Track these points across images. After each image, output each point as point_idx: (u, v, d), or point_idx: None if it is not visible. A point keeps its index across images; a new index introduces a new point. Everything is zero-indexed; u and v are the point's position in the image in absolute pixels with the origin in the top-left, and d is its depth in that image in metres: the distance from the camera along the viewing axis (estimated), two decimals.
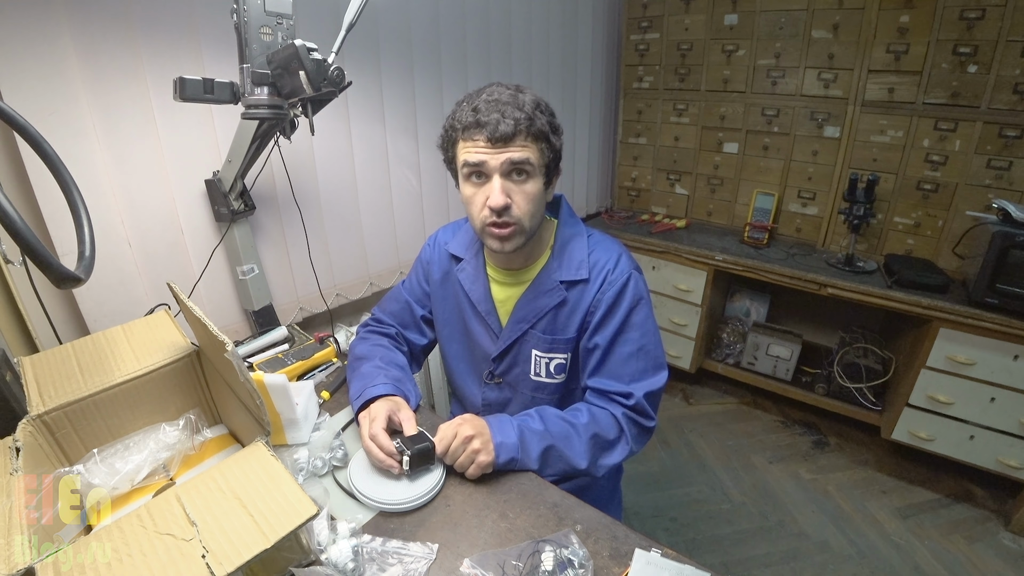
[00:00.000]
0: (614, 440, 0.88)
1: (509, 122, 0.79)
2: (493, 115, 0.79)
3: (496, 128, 0.79)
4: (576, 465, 0.85)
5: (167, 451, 0.71)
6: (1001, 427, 1.67)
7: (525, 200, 0.84)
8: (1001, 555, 1.63)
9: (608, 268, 0.92)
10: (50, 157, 0.70)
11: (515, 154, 0.81)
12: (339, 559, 0.64)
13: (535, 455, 0.82)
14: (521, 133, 0.80)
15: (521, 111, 0.80)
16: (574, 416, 0.88)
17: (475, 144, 0.81)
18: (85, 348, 0.77)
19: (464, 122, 0.82)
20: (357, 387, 0.93)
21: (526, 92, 0.83)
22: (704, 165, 2.38)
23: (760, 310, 2.44)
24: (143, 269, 1.11)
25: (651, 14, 2.30)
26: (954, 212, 1.85)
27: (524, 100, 0.81)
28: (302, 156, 1.32)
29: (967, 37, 1.68)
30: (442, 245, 1.06)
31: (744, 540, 1.71)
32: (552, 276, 0.94)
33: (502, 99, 0.81)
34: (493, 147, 0.80)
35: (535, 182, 0.84)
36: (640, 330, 0.91)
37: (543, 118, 0.83)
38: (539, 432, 0.84)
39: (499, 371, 1.02)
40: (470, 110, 0.81)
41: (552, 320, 0.94)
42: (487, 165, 0.82)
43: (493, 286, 0.99)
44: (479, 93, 0.83)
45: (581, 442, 0.85)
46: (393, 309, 1.12)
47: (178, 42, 1.06)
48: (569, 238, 0.96)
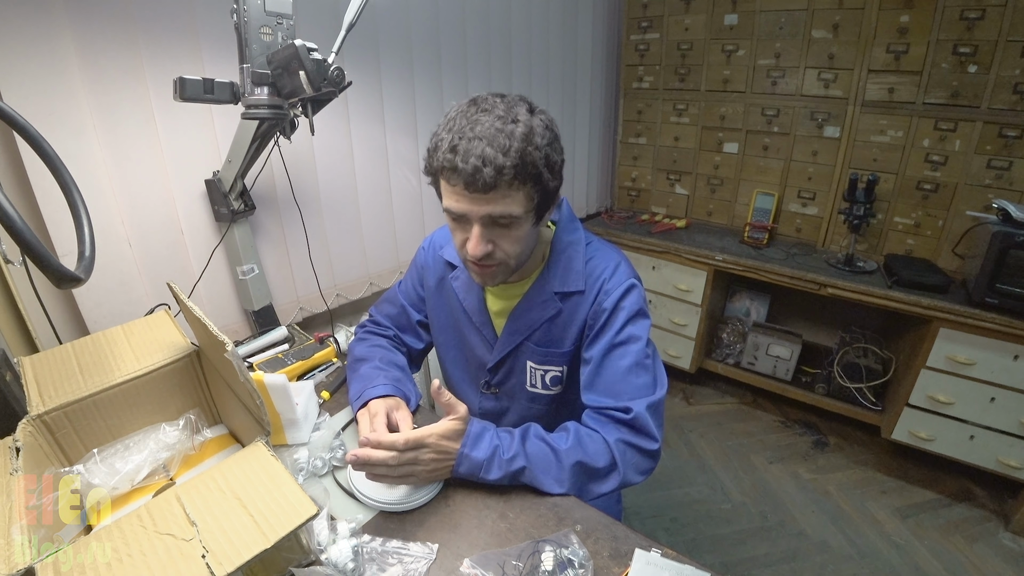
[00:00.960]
0: (603, 469, 0.80)
1: (489, 171, 0.69)
2: (472, 160, 0.69)
3: (474, 178, 0.69)
4: (549, 490, 0.78)
5: (167, 451, 0.71)
6: (1001, 427, 1.67)
7: (510, 243, 0.79)
8: (1001, 555, 1.63)
9: (604, 277, 0.88)
10: (50, 157, 0.70)
11: (496, 208, 0.73)
12: (339, 559, 0.64)
13: (497, 476, 0.78)
14: (504, 182, 0.70)
15: (507, 155, 0.69)
16: (557, 439, 0.82)
17: (455, 189, 0.73)
18: (85, 348, 0.77)
19: (441, 161, 0.72)
20: (357, 388, 0.93)
21: (519, 121, 0.71)
22: (704, 165, 2.38)
23: (760, 310, 2.44)
24: (143, 269, 1.11)
25: (651, 14, 2.30)
26: (954, 212, 1.85)
27: (514, 135, 0.70)
28: (302, 156, 1.32)
29: (967, 37, 1.68)
30: (437, 249, 1.03)
31: (744, 540, 1.71)
32: (547, 287, 0.89)
33: (486, 136, 0.69)
34: (472, 196, 0.72)
35: (522, 227, 0.78)
36: (638, 343, 0.85)
37: (535, 155, 0.71)
38: (507, 459, 0.78)
39: (495, 381, 1.00)
40: (448, 149, 0.71)
41: (547, 332, 0.91)
42: (466, 217, 0.76)
43: (488, 296, 0.96)
44: (465, 116, 0.73)
45: (559, 468, 0.79)
46: (390, 312, 1.10)
47: (178, 42, 1.06)
48: (566, 246, 0.91)
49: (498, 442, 0.80)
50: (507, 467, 0.78)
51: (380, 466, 0.73)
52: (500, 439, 0.80)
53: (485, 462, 0.78)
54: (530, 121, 0.73)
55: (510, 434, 0.82)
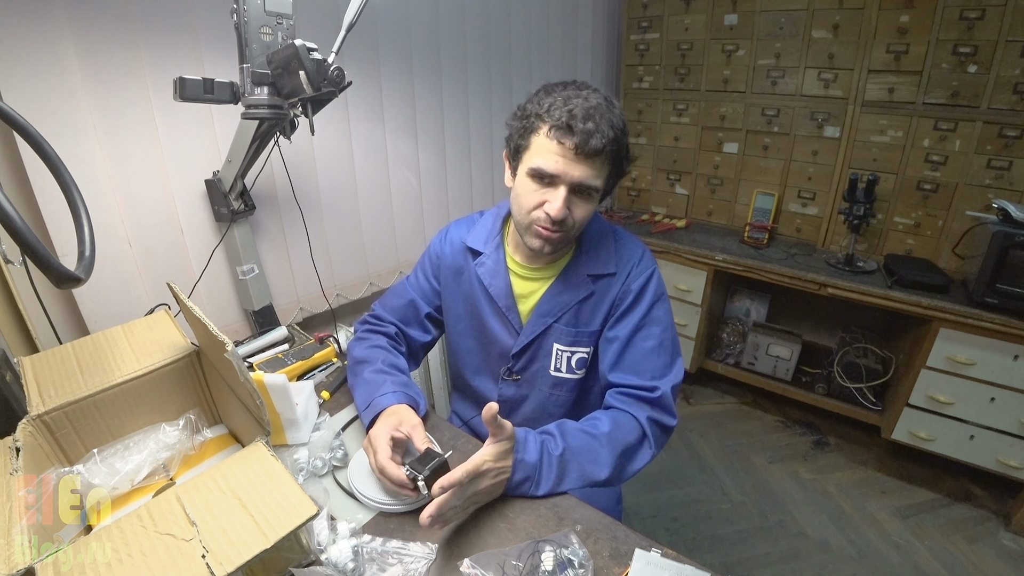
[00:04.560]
0: (637, 445, 0.85)
1: (599, 139, 0.76)
2: (588, 124, 0.76)
3: (587, 141, 0.76)
4: (596, 478, 0.81)
5: (167, 451, 0.71)
6: (1001, 427, 1.67)
7: (582, 213, 0.85)
8: (1001, 555, 1.63)
9: (634, 262, 0.94)
10: (50, 157, 0.70)
11: (589, 176, 0.80)
12: (339, 559, 0.64)
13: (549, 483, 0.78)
14: (606, 153, 0.79)
15: (613, 129, 0.78)
16: (593, 426, 0.84)
17: (560, 148, 0.78)
18: (85, 348, 0.77)
19: (556, 120, 0.78)
20: (364, 394, 0.90)
21: (616, 107, 0.81)
22: (704, 165, 2.38)
23: (760, 310, 2.44)
24: (143, 269, 1.11)
25: (651, 14, 2.30)
26: (954, 212, 1.85)
27: (619, 118, 0.80)
28: (302, 156, 1.32)
29: (967, 37, 1.68)
30: (456, 239, 1.03)
31: (744, 540, 1.71)
32: (580, 269, 0.94)
33: (599, 109, 0.78)
34: (575, 157, 0.78)
35: (595, 200, 0.85)
36: (661, 324, 0.92)
37: (625, 141, 0.82)
38: (557, 456, 0.79)
39: (517, 368, 1.00)
40: (566, 110, 0.77)
41: (576, 313, 0.94)
42: (561, 178, 0.80)
43: (514, 280, 0.98)
44: (571, 92, 0.80)
45: (603, 454, 0.81)
46: (395, 305, 1.09)
47: (178, 42, 1.06)
48: (598, 233, 0.97)
49: (543, 439, 0.81)
50: (556, 467, 0.78)
51: (451, 510, 0.69)
52: (543, 437, 0.81)
53: (536, 464, 0.77)
54: (622, 113, 0.82)
55: (550, 433, 0.83)
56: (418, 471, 0.72)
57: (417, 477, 0.72)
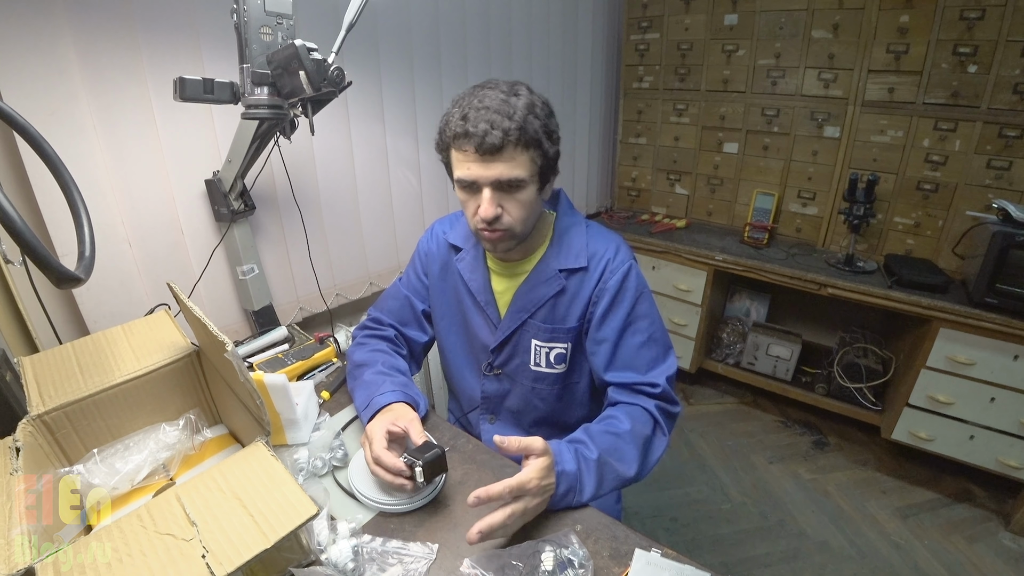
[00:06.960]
0: (652, 436, 0.87)
1: (497, 133, 0.77)
2: (481, 125, 0.77)
3: (483, 140, 0.77)
4: (627, 475, 0.82)
5: (167, 451, 0.71)
6: (1001, 427, 1.67)
7: (517, 208, 0.84)
8: (1001, 555, 1.63)
9: (608, 257, 0.93)
10: (50, 157, 0.70)
11: (503, 171, 0.80)
12: (339, 559, 0.64)
13: (591, 488, 0.78)
14: (510, 144, 0.78)
15: (511, 120, 0.78)
16: (614, 425, 0.85)
17: (465, 155, 0.81)
18: (85, 348, 0.77)
19: (455, 130, 0.81)
20: (363, 395, 0.91)
21: (520, 95, 0.81)
22: (704, 165, 2.38)
23: (760, 310, 2.44)
24: (143, 269, 1.11)
25: (651, 14, 2.30)
26: (954, 212, 1.85)
27: (516, 106, 0.79)
28: (302, 156, 1.32)
29: (967, 37, 1.68)
30: (440, 236, 1.06)
31: (744, 540, 1.71)
32: (551, 265, 0.94)
33: (492, 106, 0.78)
34: (482, 158, 0.80)
35: (527, 191, 0.84)
36: (648, 319, 0.93)
37: (536, 123, 0.80)
38: (594, 460, 0.79)
39: (498, 362, 1.01)
40: (459, 118, 0.80)
41: (551, 309, 0.95)
42: (477, 183, 0.82)
43: (492, 277, 0.99)
44: (472, 95, 0.82)
45: (629, 449, 0.82)
46: (392, 307, 1.10)
47: (178, 42, 1.06)
48: (567, 227, 0.96)
49: (575, 447, 0.79)
50: (595, 471, 0.78)
51: (499, 529, 0.68)
52: (575, 445, 0.80)
53: (576, 473, 0.76)
54: (530, 96, 0.82)
55: (580, 440, 0.82)
56: (417, 458, 0.73)
57: (415, 464, 0.72)
